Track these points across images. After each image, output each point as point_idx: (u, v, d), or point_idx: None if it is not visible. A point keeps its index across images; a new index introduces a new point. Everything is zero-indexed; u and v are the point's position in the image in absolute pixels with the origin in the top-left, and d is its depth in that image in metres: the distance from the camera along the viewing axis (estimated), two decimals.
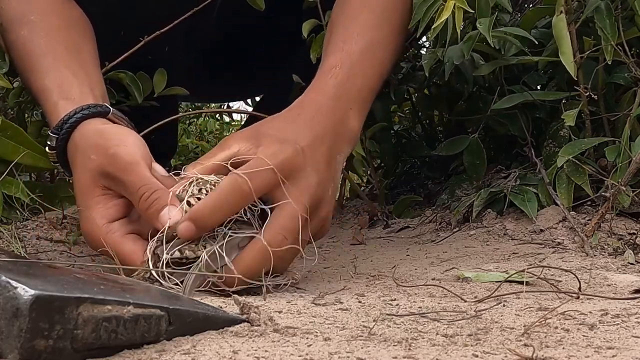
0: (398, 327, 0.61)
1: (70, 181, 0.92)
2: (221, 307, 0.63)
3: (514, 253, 0.97)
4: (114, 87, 1.10)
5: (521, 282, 0.76)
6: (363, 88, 0.94)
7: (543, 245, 0.99)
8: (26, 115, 1.15)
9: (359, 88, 0.94)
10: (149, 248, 0.77)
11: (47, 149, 0.91)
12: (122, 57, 1.06)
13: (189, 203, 0.78)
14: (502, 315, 0.65)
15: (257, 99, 1.82)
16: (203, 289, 0.75)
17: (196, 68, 1.43)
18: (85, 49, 1.01)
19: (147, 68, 1.13)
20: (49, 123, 0.93)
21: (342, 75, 0.92)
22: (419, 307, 0.68)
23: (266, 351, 0.53)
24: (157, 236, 0.77)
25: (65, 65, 0.95)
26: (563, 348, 0.55)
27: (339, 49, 0.95)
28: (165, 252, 0.75)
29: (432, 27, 0.98)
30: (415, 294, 0.77)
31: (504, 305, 0.69)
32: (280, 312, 0.65)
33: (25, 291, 0.48)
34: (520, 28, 1.13)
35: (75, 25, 1.02)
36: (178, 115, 1.95)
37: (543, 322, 0.61)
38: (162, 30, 1.07)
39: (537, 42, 1.12)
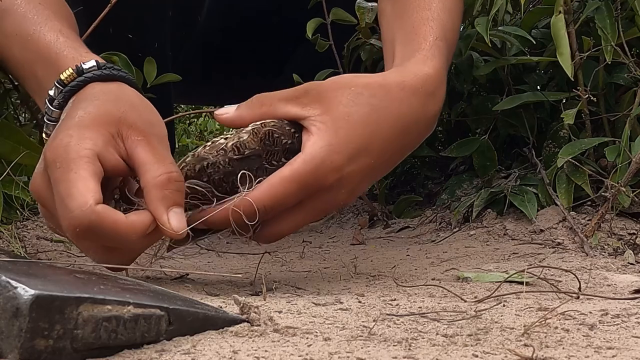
0: (398, 327, 0.61)
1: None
2: (221, 307, 0.63)
3: (514, 253, 0.97)
4: None
5: (521, 282, 0.76)
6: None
7: (543, 246, 0.99)
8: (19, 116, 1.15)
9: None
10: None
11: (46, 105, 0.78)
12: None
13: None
14: (502, 315, 0.65)
15: None
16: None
17: (190, 68, 1.42)
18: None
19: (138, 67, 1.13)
20: (45, 81, 0.79)
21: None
22: (419, 307, 0.68)
23: (266, 351, 0.52)
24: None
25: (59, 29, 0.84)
26: (563, 348, 0.55)
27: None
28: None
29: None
30: (415, 294, 0.76)
31: (504, 305, 0.69)
32: (280, 312, 0.65)
33: (25, 291, 0.48)
34: (521, 28, 1.13)
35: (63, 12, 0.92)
36: (178, 115, 1.95)
37: (543, 322, 0.61)
38: None
39: (534, 42, 1.12)
